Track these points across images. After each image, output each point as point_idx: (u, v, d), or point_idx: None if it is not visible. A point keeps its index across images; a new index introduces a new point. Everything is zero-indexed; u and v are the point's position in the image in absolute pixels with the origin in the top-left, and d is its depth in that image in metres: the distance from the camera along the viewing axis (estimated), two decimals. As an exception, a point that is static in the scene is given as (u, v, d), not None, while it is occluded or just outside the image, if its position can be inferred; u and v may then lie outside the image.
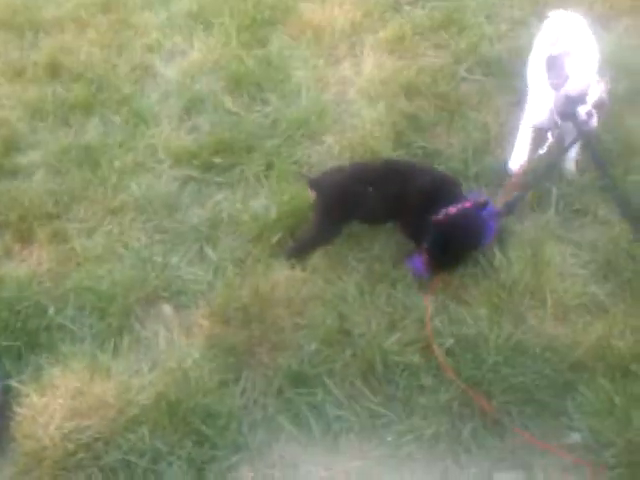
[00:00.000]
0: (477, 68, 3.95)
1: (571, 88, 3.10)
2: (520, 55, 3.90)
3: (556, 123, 3.17)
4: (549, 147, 3.18)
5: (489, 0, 4.42)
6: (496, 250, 3.03)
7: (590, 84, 3.06)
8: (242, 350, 2.81)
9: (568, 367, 2.63)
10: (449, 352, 2.71)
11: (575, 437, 2.50)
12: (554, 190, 3.24)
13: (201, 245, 3.24)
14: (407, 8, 4.46)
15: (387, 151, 3.50)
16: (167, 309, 3.04)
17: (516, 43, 4.06)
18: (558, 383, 2.61)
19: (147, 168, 3.61)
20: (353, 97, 3.87)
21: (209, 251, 3.21)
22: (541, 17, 4.15)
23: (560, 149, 3.23)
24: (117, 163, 3.60)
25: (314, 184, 3.13)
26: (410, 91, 3.82)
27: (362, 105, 3.80)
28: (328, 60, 4.12)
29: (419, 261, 2.98)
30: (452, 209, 2.91)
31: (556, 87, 3.16)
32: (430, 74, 3.91)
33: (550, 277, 2.91)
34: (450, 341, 2.73)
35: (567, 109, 3.09)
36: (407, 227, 3.10)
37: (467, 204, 2.95)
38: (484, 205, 2.98)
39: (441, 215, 2.92)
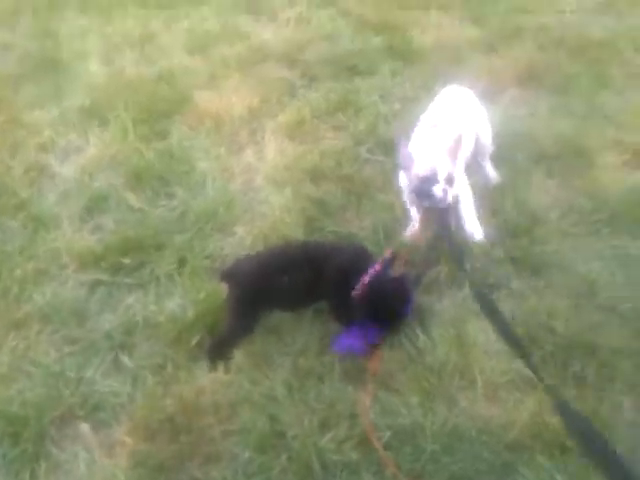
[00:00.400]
0: (377, 148, 4.03)
1: (419, 168, 3.16)
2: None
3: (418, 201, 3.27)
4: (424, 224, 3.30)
5: (380, 80, 4.55)
6: (419, 332, 3.03)
7: (439, 162, 3.13)
8: (171, 466, 2.66)
9: (505, 448, 2.61)
10: (387, 446, 2.65)
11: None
12: (467, 266, 3.30)
13: (116, 353, 3.08)
14: (302, 91, 4.53)
15: (299, 237, 3.49)
16: (85, 428, 2.85)
17: (411, 121, 4.17)
18: (497, 466, 2.58)
19: (51, 275, 3.45)
20: (260, 184, 3.87)
21: (125, 359, 3.06)
22: (431, 93, 4.36)
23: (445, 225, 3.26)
24: (18, 272, 3.43)
25: (225, 276, 3.07)
26: (315, 175, 3.85)
27: (269, 192, 3.79)
28: (230, 148, 4.12)
29: (353, 336, 2.97)
30: (365, 278, 2.93)
31: (405, 168, 3.23)
32: (333, 157, 3.96)
33: (477, 356, 2.93)
34: (387, 434, 2.68)
35: (420, 189, 3.17)
36: (332, 309, 3.08)
37: (376, 266, 2.98)
38: (392, 259, 3.04)
39: (358, 289, 2.93)
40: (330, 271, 2.98)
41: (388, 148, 4.00)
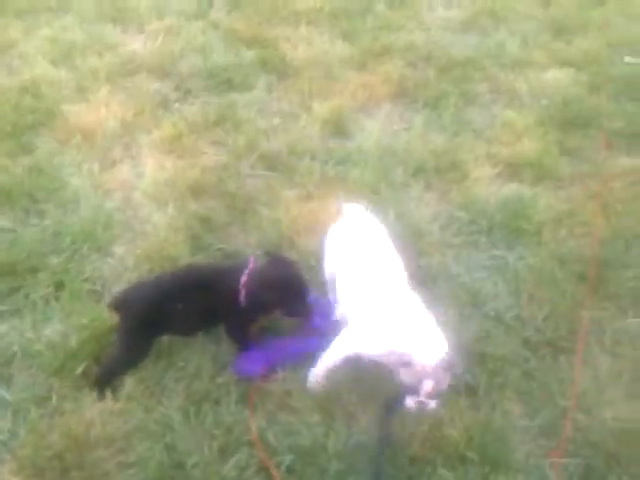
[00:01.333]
0: (259, 163, 3.98)
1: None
2: (295, 150, 4.03)
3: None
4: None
5: (257, 95, 4.51)
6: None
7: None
8: (64, 505, 2.51)
9: (409, 462, 2.65)
10: (290, 469, 2.61)
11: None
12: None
13: (-7, 387, 2.87)
14: (177, 105, 4.41)
15: (185, 256, 3.38)
16: (-37, 471, 2.63)
17: (291, 136, 4.17)
18: (402, 480, 2.63)
19: None
20: (139, 201, 3.71)
21: (3, 392, 2.85)
22: (309, 111, 4.37)
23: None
24: None
25: (114, 304, 2.93)
26: (197, 191, 3.75)
27: (151, 209, 3.66)
28: (104, 164, 3.93)
29: (253, 360, 2.93)
30: (243, 278, 2.88)
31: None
32: (214, 173, 3.87)
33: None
34: (289, 457, 2.63)
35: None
36: (228, 331, 3.02)
37: (250, 266, 2.93)
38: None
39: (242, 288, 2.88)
40: (221, 293, 2.91)
41: (270, 163, 3.98)
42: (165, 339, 3.01)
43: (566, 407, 2.86)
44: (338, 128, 4.28)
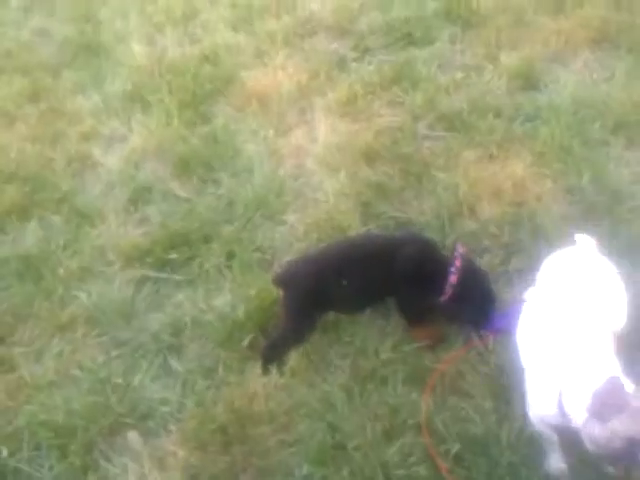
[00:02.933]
0: (438, 124, 3.71)
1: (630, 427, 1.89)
2: (477, 107, 3.72)
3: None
4: None
5: (438, 49, 4.21)
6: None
7: None
8: (224, 479, 2.48)
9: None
10: (457, 459, 2.41)
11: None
12: (542, 253, 3.00)
13: (164, 356, 2.91)
14: (354, 65, 4.23)
15: (355, 225, 3.24)
16: (134, 438, 2.69)
17: (474, 91, 3.85)
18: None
19: (96, 273, 3.29)
20: (311, 168, 3.61)
21: (174, 363, 2.88)
22: (495, 60, 4.02)
23: None
24: (62, 271, 3.28)
25: (279, 280, 2.87)
26: (370, 156, 3.57)
27: (322, 176, 3.54)
28: (278, 129, 3.86)
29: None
30: (452, 278, 2.74)
31: (599, 417, 1.93)
32: (389, 135, 3.66)
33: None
34: (456, 446, 2.43)
35: (626, 454, 1.91)
36: (402, 306, 2.84)
37: (456, 263, 2.75)
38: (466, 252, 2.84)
39: (447, 290, 2.75)
40: (397, 267, 2.74)
41: (449, 122, 3.70)
42: (331, 313, 2.90)
43: None
44: (528, 81, 3.88)
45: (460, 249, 2.80)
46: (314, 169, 3.60)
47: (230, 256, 3.23)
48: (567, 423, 2.05)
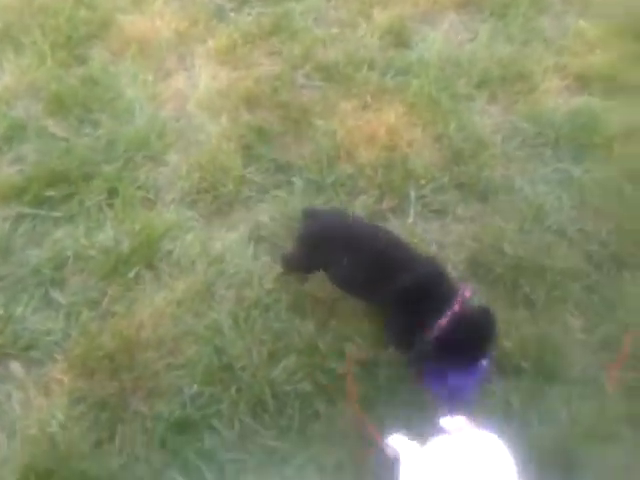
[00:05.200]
0: (315, 74, 3.83)
1: None
2: (352, 60, 3.88)
3: None
4: None
5: (314, 3, 4.33)
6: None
7: None
8: (114, 403, 2.53)
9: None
10: (338, 373, 2.58)
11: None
12: (412, 193, 3.22)
13: (46, 289, 2.88)
14: (232, 15, 4.27)
15: (237, 167, 3.32)
16: (16, 367, 2.68)
17: (349, 46, 4.01)
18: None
19: (-31, 211, 3.19)
20: (193, 111, 3.63)
21: (56, 295, 2.87)
22: (368, 18, 4.20)
23: None
24: None
25: (305, 213, 2.94)
26: (251, 102, 3.64)
27: (204, 119, 3.57)
28: (158, 74, 3.84)
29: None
30: (442, 321, 2.43)
31: None
32: (268, 83, 3.75)
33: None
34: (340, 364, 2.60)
35: None
36: (392, 321, 2.63)
37: (455, 307, 2.45)
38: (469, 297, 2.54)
39: (435, 331, 2.44)
40: (396, 285, 2.51)
41: (326, 73, 3.84)
42: (217, 246, 3.00)
43: (628, 323, 2.74)
44: (398, 38, 4.07)
45: (466, 292, 2.51)
46: (195, 112, 3.62)
47: (111, 194, 3.22)
48: None
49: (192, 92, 3.74)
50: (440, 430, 2.08)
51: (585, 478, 2.36)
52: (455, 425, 2.08)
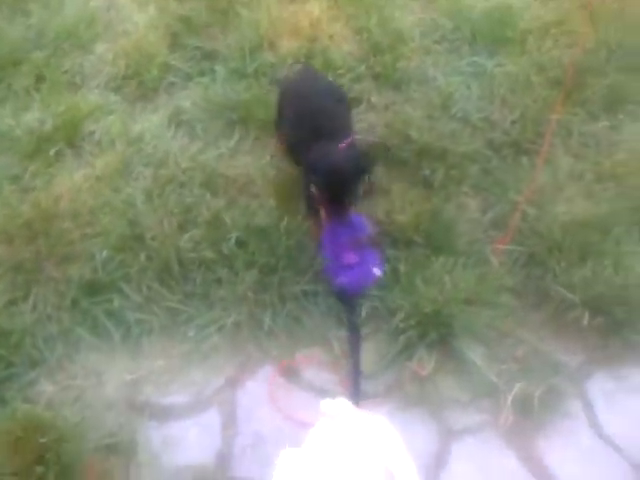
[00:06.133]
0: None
1: None
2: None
3: None
4: None
5: None
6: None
7: None
8: (29, 267, 2.69)
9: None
10: (242, 244, 2.74)
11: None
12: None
13: (-31, 165, 3.03)
14: None
15: (163, 54, 3.43)
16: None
17: None
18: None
19: None
20: (122, 2, 3.71)
21: (-21, 172, 3.02)
22: None
23: None
24: None
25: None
26: (179, -7, 3.73)
27: (132, 10, 3.67)
28: (89, -34, 3.90)
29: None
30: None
31: None
32: (197, -26, 3.81)
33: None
34: (241, 233, 2.76)
35: None
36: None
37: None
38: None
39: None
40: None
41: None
42: (137, 126, 3.14)
43: (519, 201, 2.91)
44: None
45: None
46: (124, 3, 3.71)
47: (39, 79, 3.34)
48: None
49: (122, -18, 3.80)
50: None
51: (461, 339, 2.57)
52: (336, 408, 1.83)
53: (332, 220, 2.66)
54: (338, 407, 1.81)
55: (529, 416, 2.42)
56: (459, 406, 2.46)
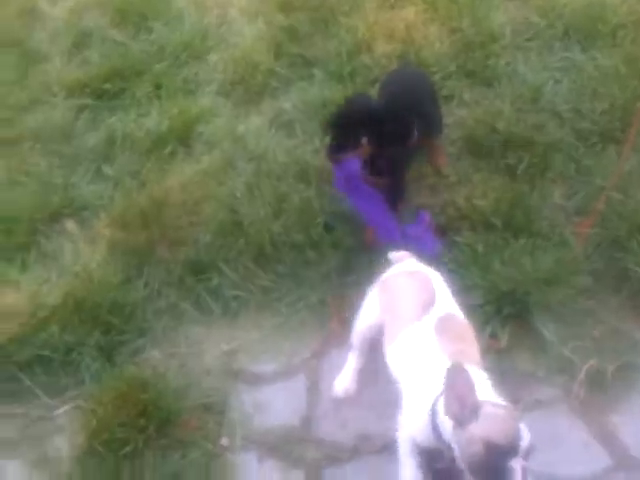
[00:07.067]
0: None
1: (490, 430, 1.80)
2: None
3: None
4: None
5: None
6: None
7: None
8: (143, 250, 3.02)
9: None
10: (328, 228, 2.97)
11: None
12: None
13: (99, 164, 3.42)
14: None
15: (269, 61, 3.72)
16: (70, 224, 3.22)
17: None
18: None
19: (42, 102, 3.76)
20: (234, 17, 4.06)
21: (107, 169, 3.39)
22: None
23: None
24: (12, 100, 3.75)
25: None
26: (286, 6, 4.02)
27: (243, 24, 4.00)
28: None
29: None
30: None
31: (458, 421, 1.86)
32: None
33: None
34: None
35: (487, 462, 1.78)
36: None
37: None
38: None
39: None
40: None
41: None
42: (239, 121, 3.45)
43: (605, 187, 2.94)
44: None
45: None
46: (236, 18, 4.05)
47: (158, 87, 3.72)
48: (437, 443, 1.98)
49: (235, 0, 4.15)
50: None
51: (536, 316, 2.65)
52: (399, 257, 2.51)
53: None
54: (403, 255, 2.49)
55: (603, 391, 2.47)
56: (533, 380, 2.54)
